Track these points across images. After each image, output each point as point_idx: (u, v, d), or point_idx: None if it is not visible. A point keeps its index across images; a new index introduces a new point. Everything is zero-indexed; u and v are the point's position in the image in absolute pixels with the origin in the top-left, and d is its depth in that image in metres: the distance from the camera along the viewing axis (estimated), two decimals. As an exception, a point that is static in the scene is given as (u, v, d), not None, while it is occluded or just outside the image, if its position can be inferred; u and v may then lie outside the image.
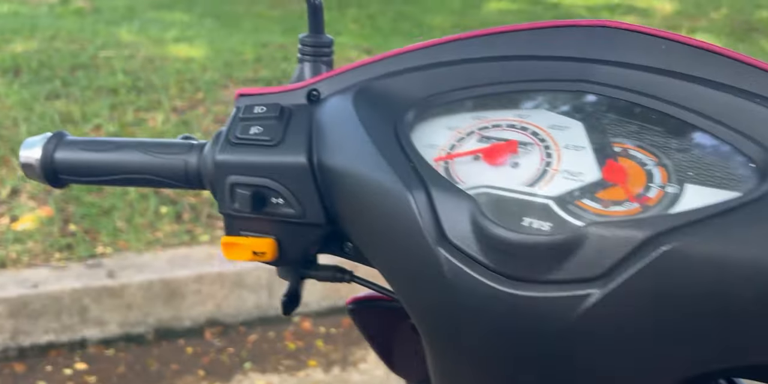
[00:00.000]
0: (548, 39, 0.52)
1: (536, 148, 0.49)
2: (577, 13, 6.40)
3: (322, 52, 0.64)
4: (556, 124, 0.50)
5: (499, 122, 0.52)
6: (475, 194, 0.45)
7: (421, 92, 0.54)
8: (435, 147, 0.51)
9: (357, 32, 5.47)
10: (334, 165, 0.51)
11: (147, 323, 2.33)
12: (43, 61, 3.78)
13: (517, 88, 0.52)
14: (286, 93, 0.58)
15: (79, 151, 0.62)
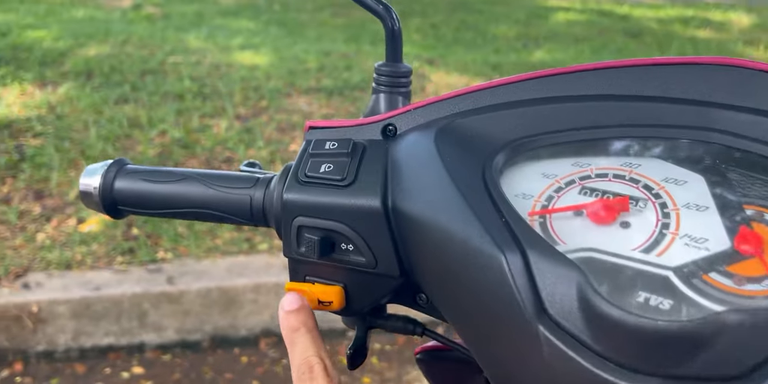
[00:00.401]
0: (663, 78, 0.46)
1: (650, 205, 0.42)
2: (647, 26, 6.23)
3: (400, 82, 0.59)
4: (672, 176, 0.43)
5: (604, 171, 0.45)
6: (579, 259, 0.39)
7: (512, 133, 0.48)
8: (529, 197, 0.45)
9: (419, 42, 5.44)
10: (411, 211, 0.46)
11: (203, 331, 2.35)
12: (114, 66, 3.88)
13: (626, 133, 0.46)
14: (360, 127, 0.54)
15: (140, 181, 0.59)
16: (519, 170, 0.47)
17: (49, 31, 4.66)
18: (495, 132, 0.48)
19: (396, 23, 0.59)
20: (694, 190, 0.42)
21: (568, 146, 0.47)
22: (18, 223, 2.59)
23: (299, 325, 0.50)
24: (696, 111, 0.44)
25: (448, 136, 0.48)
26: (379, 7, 0.59)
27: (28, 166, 2.87)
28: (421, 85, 3.84)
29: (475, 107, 0.50)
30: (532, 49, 5.24)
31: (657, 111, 0.45)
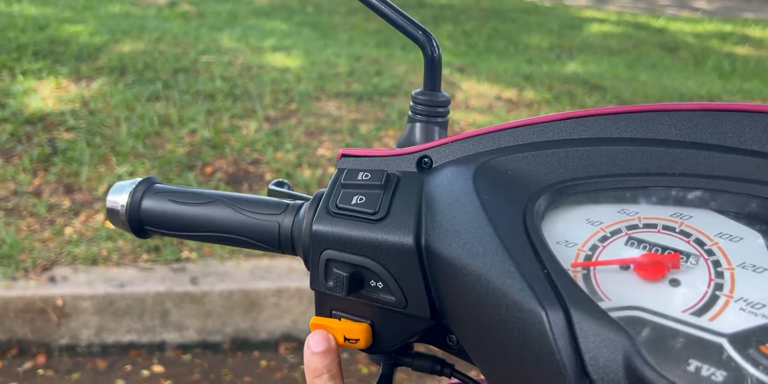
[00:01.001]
0: (719, 125, 0.43)
1: (702, 262, 0.39)
2: (683, 40, 6.15)
3: (437, 112, 0.58)
4: (727, 232, 0.41)
5: (653, 221, 0.43)
6: (625, 318, 0.37)
7: (555, 175, 0.45)
8: (572, 245, 0.42)
9: (451, 49, 5.42)
10: (445, 253, 0.44)
11: (224, 332, 2.35)
12: (147, 63, 3.91)
13: (676, 182, 0.43)
14: (394, 157, 0.52)
15: (168, 202, 0.58)
16: (562, 215, 0.45)
17: (86, 26, 4.71)
18: (537, 172, 0.46)
19: (436, 50, 0.57)
20: (751, 249, 0.39)
21: (616, 192, 0.45)
22: (47, 216, 2.62)
23: (323, 371, 0.49)
24: (753, 162, 0.42)
25: (487, 173, 0.46)
26: (418, 33, 0.57)
27: (59, 159, 2.91)
28: (451, 94, 3.82)
29: (515, 144, 0.48)
30: (564, 60, 5.20)
31: (711, 160, 0.43)
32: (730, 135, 0.43)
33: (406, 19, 0.58)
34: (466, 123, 3.51)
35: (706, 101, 0.41)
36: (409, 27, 0.58)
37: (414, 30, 0.58)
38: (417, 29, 0.58)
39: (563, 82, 4.09)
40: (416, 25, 0.59)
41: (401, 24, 0.58)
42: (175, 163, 2.95)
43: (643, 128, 0.46)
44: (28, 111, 3.22)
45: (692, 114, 0.45)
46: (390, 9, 0.58)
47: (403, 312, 0.49)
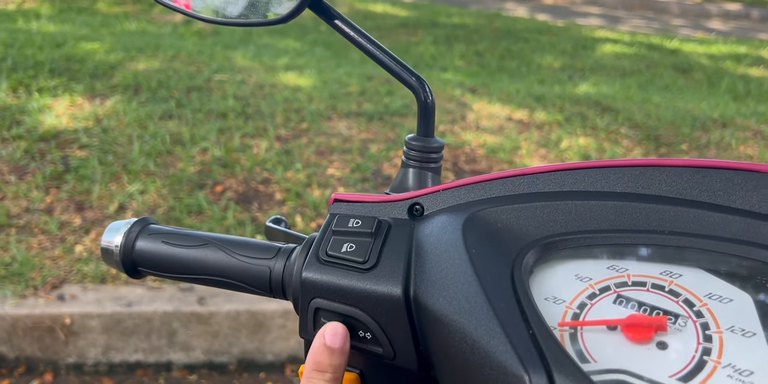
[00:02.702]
0: (715, 183, 0.43)
1: (691, 325, 0.39)
2: (697, 61, 6.14)
3: (430, 158, 0.59)
4: (717, 292, 0.40)
5: (642, 279, 0.42)
6: (611, 382, 0.36)
7: (545, 229, 0.45)
8: (560, 302, 0.42)
9: (463, 69, 5.44)
10: (433, 307, 0.43)
11: (231, 353, 2.35)
12: (161, 81, 3.96)
13: (666, 241, 0.43)
14: (386, 204, 0.53)
15: (161, 244, 0.58)
16: (551, 270, 0.44)
17: (102, 44, 4.78)
18: (526, 226, 0.46)
19: (429, 96, 0.58)
20: (741, 312, 0.39)
21: (605, 248, 0.44)
22: (58, 234, 2.64)
23: (327, 369, 0.47)
24: (743, 223, 0.41)
25: (476, 225, 0.46)
26: (412, 79, 0.58)
27: (71, 177, 2.93)
28: (462, 114, 3.83)
29: (505, 195, 0.48)
30: (576, 81, 5.20)
31: (700, 218, 0.43)
32: (720, 193, 0.43)
33: (401, 65, 0.60)
34: (477, 144, 3.51)
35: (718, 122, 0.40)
36: (403, 73, 0.59)
37: (408, 76, 0.59)
38: (411, 75, 0.59)
39: (575, 104, 4.08)
40: (410, 71, 0.60)
41: (396, 70, 0.60)
42: (186, 181, 2.97)
43: (633, 183, 0.46)
44: (43, 128, 3.25)
45: (682, 170, 0.45)
46: (386, 55, 0.59)
47: (391, 363, 0.49)
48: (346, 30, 0.61)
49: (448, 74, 5.10)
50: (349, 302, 0.48)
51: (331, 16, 0.61)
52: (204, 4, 0.64)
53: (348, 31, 0.61)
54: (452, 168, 3.31)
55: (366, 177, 3.16)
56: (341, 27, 0.61)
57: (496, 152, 3.45)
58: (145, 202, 2.83)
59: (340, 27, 0.61)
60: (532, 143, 3.58)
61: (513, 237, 0.45)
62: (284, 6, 0.61)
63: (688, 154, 3.55)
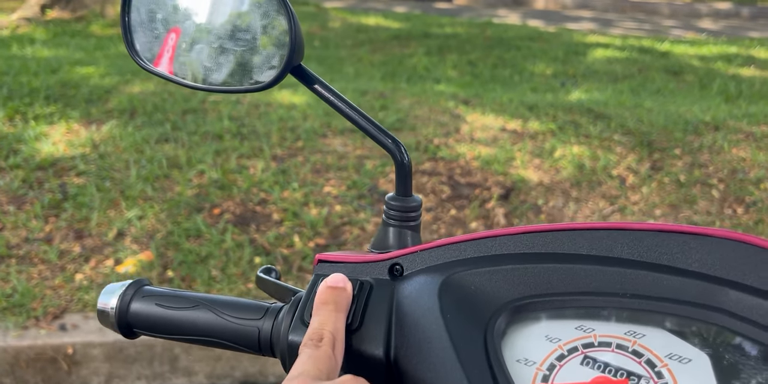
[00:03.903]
0: (673, 247, 0.46)
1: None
2: (688, 63, 6.16)
3: (409, 216, 0.61)
4: (677, 353, 0.42)
5: (608, 339, 0.45)
6: None
7: (516, 291, 0.48)
8: (531, 364, 0.44)
9: (456, 80, 5.47)
10: (411, 370, 0.46)
11: (233, 376, 2.36)
12: (156, 104, 3.99)
13: (631, 304, 0.45)
14: (368, 264, 0.55)
15: (154, 306, 0.61)
16: (522, 331, 0.47)
17: (97, 68, 4.82)
18: (498, 289, 0.48)
19: (405, 157, 0.60)
20: (699, 371, 0.41)
21: (573, 310, 0.47)
22: (58, 263, 2.66)
23: (331, 301, 0.51)
24: (701, 287, 0.44)
25: (451, 289, 0.49)
26: (388, 141, 0.61)
27: (70, 205, 2.96)
28: (456, 127, 3.85)
29: (478, 256, 0.51)
30: (569, 88, 5.23)
31: (660, 281, 0.45)
32: (677, 256, 0.45)
33: (377, 128, 0.63)
34: (471, 156, 3.53)
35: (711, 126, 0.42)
36: (379, 135, 0.62)
37: (384, 138, 0.62)
38: (387, 137, 0.62)
39: (567, 112, 4.11)
40: (386, 133, 0.63)
41: (373, 132, 0.63)
42: (184, 205, 2.99)
43: (598, 246, 0.48)
44: (40, 156, 3.28)
45: (644, 234, 0.47)
46: (363, 118, 0.62)
47: None
48: (326, 94, 0.64)
49: (442, 86, 5.13)
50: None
51: (312, 82, 0.64)
52: (189, 73, 0.67)
53: (327, 95, 0.64)
54: (447, 181, 3.33)
55: (362, 194, 3.18)
56: (321, 92, 0.64)
57: (490, 164, 3.47)
58: (143, 228, 2.86)
59: (320, 91, 0.64)
60: (527, 153, 3.60)
61: (486, 300, 0.48)
62: (266, 74, 0.64)
63: (681, 158, 3.57)
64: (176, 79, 0.67)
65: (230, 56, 0.65)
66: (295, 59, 0.61)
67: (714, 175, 3.43)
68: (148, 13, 0.66)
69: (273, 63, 0.64)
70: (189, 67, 0.66)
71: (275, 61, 0.63)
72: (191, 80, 0.66)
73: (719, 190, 3.33)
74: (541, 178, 3.39)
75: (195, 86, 0.66)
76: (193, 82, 0.66)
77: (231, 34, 0.64)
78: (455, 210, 3.14)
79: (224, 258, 2.73)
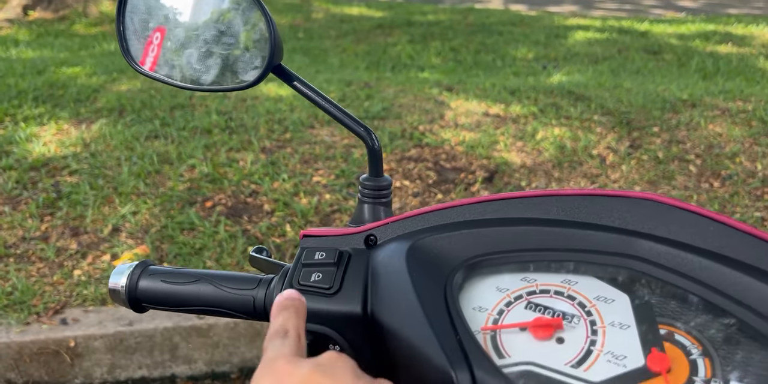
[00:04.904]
0: (599, 208, 0.54)
1: (582, 322, 0.49)
2: (667, 42, 6.24)
3: (381, 194, 0.70)
4: (603, 295, 0.51)
5: (547, 287, 0.53)
6: (520, 372, 0.46)
7: (471, 251, 0.56)
8: (484, 311, 0.52)
9: (440, 67, 5.53)
10: (385, 322, 0.54)
11: (232, 362, 2.44)
12: (144, 101, 4.04)
13: (565, 257, 0.54)
14: (346, 237, 0.63)
15: (160, 282, 0.68)
16: (477, 284, 0.55)
17: (83, 67, 4.85)
18: (455, 250, 0.57)
19: (376, 143, 0.69)
20: (620, 309, 0.49)
21: (518, 264, 0.55)
22: (56, 260, 2.72)
23: (290, 306, 0.52)
24: (621, 239, 0.52)
25: (417, 253, 0.57)
26: (360, 129, 0.69)
27: (64, 203, 3.02)
28: (440, 113, 3.92)
29: (441, 224, 0.59)
30: (551, 71, 5.30)
31: (590, 237, 0.53)
32: (602, 215, 0.54)
33: (350, 118, 0.71)
34: (456, 141, 3.61)
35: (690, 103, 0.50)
36: (352, 124, 0.71)
37: (357, 127, 0.70)
38: (359, 126, 0.70)
39: (549, 95, 4.18)
40: (358, 122, 0.71)
41: (347, 122, 0.71)
42: (176, 199, 3.06)
43: (538, 210, 0.57)
44: (32, 157, 3.34)
45: (575, 198, 0.56)
46: (338, 110, 0.71)
47: None
48: (304, 90, 0.72)
49: (426, 73, 5.19)
50: (320, 321, 0.58)
51: (291, 79, 0.72)
52: (181, 74, 0.74)
53: (306, 90, 0.72)
54: (433, 167, 3.41)
55: (351, 182, 3.26)
56: (300, 87, 0.72)
57: (474, 148, 3.55)
58: (138, 223, 2.92)
59: (299, 87, 0.72)
60: (510, 137, 3.67)
61: (445, 260, 0.56)
62: (250, 74, 0.72)
63: (660, 136, 3.66)
64: (170, 80, 0.75)
65: (218, 59, 0.72)
66: (275, 59, 0.69)
67: (691, 151, 3.52)
68: (141, 22, 0.73)
69: (256, 63, 0.71)
70: (180, 70, 0.74)
71: (257, 62, 0.71)
72: (183, 82, 0.74)
73: (696, 165, 3.42)
74: (523, 161, 3.47)
75: (187, 87, 0.74)
76: (184, 83, 0.74)
77: (217, 38, 0.72)
78: (441, 194, 3.22)
79: (218, 249, 2.80)
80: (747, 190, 3.24)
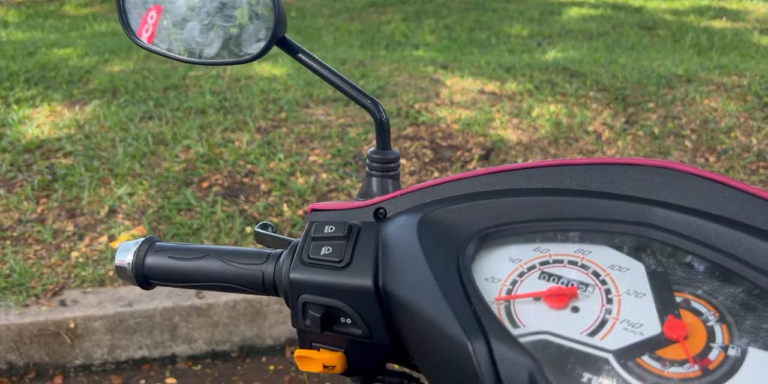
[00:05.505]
0: (613, 176, 0.53)
1: (597, 291, 0.49)
2: (661, 18, 6.21)
3: (389, 167, 0.68)
4: (617, 263, 0.50)
5: (560, 257, 0.52)
6: (536, 341, 0.46)
7: (483, 222, 0.55)
8: (497, 281, 0.52)
9: (434, 45, 5.49)
10: (397, 294, 0.53)
11: (232, 341, 2.46)
12: (138, 82, 4.01)
13: (578, 226, 0.53)
14: (355, 210, 0.62)
15: (167, 258, 0.67)
16: (489, 255, 0.54)
17: (75, 49, 4.81)
18: (468, 221, 0.56)
19: (383, 115, 0.68)
20: (635, 278, 0.49)
21: (531, 234, 0.54)
22: (53, 242, 2.72)
23: None
24: (635, 208, 0.51)
25: (428, 225, 0.56)
26: (367, 101, 0.68)
27: (60, 185, 3.00)
28: (436, 91, 3.91)
29: (450, 196, 0.58)
30: (545, 48, 5.27)
31: (604, 206, 0.53)
32: (616, 184, 0.53)
33: (357, 90, 0.69)
34: (452, 119, 3.60)
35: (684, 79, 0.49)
36: (359, 96, 0.69)
37: (364, 99, 0.69)
38: (366, 98, 0.69)
39: (544, 71, 4.17)
40: (365, 94, 0.69)
41: (354, 95, 0.69)
42: (173, 180, 3.05)
43: (549, 180, 0.56)
44: (26, 139, 3.31)
45: (588, 167, 0.55)
46: (344, 82, 0.69)
47: (369, 341, 0.59)
48: (309, 62, 0.69)
49: (420, 51, 5.15)
50: (331, 295, 0.58)
51: (296, 51, 0.70)
52: (184, 48, 0.73)
53: (311, 63, 0.69)
54: (430, 145, 3.40)
55: (347, 161, 3.25)
56: (305, 60, 0.69)
57: (470, 126, 3.54)
58: (134, 204, 2.92)
59: (304, 60, 0.69)
60: (505, 114, 3.66)
61: (457, 231, 0.55)
62: (254, 46, 0.70)
63: (655, 111, 3.65)
64: (172, 54, 0.72)
65: (220, 31, 0.71)
66: (279, 32, 0.67)
67: (687, 127, 3.52)
68: (141, -7, 0.71)
69: (260, 36, 0.70)
70: (182, 43, 0.72)
71: (261, 34, 0.69)
72: (185, 55, 0.72)
73: (692, 140, 3.43)
74: (519, 138, 3.47)
75: (189, 60, 0.72)
76: (187, 57, 0.72)
77: (219, 10, 0.70)
78: (438, 172, 3.21)
79: (216, 229, 2.80)
80: (742, 164, 3.25)
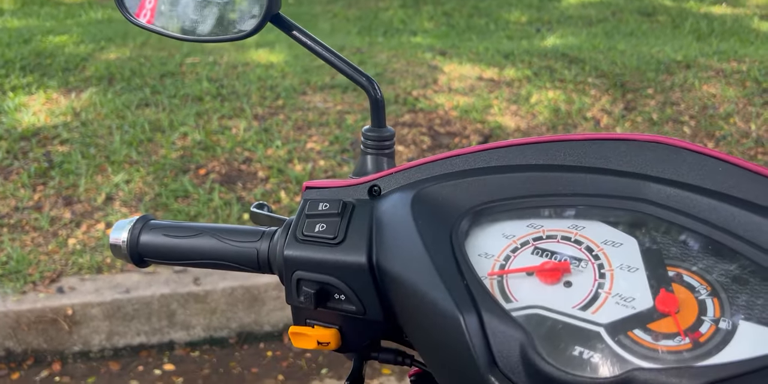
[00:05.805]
0: (607, 151, 0.53)
1: (590, 266, 0.49)
2: (661, 4, 6.18)
3: (384, 145, 0.68)
4: (610, 239, 0.50)
5: (554, 233, 0.52)
6: (528, 315, 0.46)
7: (477, 198, 0.55)
8: (490, 257, 0.52)
9: (433, 31, 5.47)
10: (390, 270, 0.53)
11: (230, 328, 2.46)
12: (134, 69, 3.99)
13: (572, 202, 0.53)
14: (349, 188, 0.61)
15: (162, 236, 0.66)
16: (483, 231, 0.54)
17: (70, 36, 4.78)
18: (461, 198, 0.56)
19: (378, 93, 0.67)
20: (628, 253, 0.49)
21: (524, 210, 0.54)
22: (50, 229, 2.72)
23: None
24: (629, 183, 0.51)
25: (422, 201, 0.56)
26: (363, 79, 0.67)
27: (56, 173, 3.00)
28: (434, 78, 3.89)
29: (444, 173, 0.58)
30: (544, 34, 5.25)
31: (598, 181, 0.52)
32: (610, 159, 0.53)
33: (352, 67, 0.69)
34: (450, 106, 3.58)
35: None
36: (355, 74, 0.68)
37: (359, 77, 0.68)
38: (362, 76, 0.68)
39: (543, 58, 4.14)
40: (361, 72, 0.69)
41: (349, 72, 0.69)
42: (170, 167, 3.04)
43: (543, 156, 0.55)
44: (22, 127, 3.30)
45: (582, 143, 0.55)
46: (339, 60, 0.69)
47: (363, 318, 0.59)
48: (304, 40, 0.69)
49: (418, 38, 5.13)
50: (325, 271, 0.57)
51: (291, 28, 0.69)
52: (177, 25, 0.72)
53: (306, 40, 0.69)
54: (428, 132, 3.39)
55: (345, 148, 3.24)
56: (299, 37, 0.69)
57: (469, 113, 3.52)
58: (131, 191, 2.91)
59: (299, 37, 0.69)
60: (503, 101, 3.65)
61: (451, 208, 0.55)
62: (248, 23, 0.69)
63: (654, 98, 3.64)
64: (167, 32, 0.71)
65: (214, 8, 0.70)
66: (273, 8, 0.66)
67: (685, 112, 3.51)
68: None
69: (254, 12, 0.69)
70: (177, 21, 0.71)
71: (255, 11, 0.68)
72: (179, 32, 0.71)
73: (690, 126, 3.41)
74: (518, 124, 3.45)
75: (183, 38, 0.71)
76: (181, 34, 0.71)
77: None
78: (436, 159, 3.21)
79: (213, 216, 2.80)
80: (741, 150, 3.23)
